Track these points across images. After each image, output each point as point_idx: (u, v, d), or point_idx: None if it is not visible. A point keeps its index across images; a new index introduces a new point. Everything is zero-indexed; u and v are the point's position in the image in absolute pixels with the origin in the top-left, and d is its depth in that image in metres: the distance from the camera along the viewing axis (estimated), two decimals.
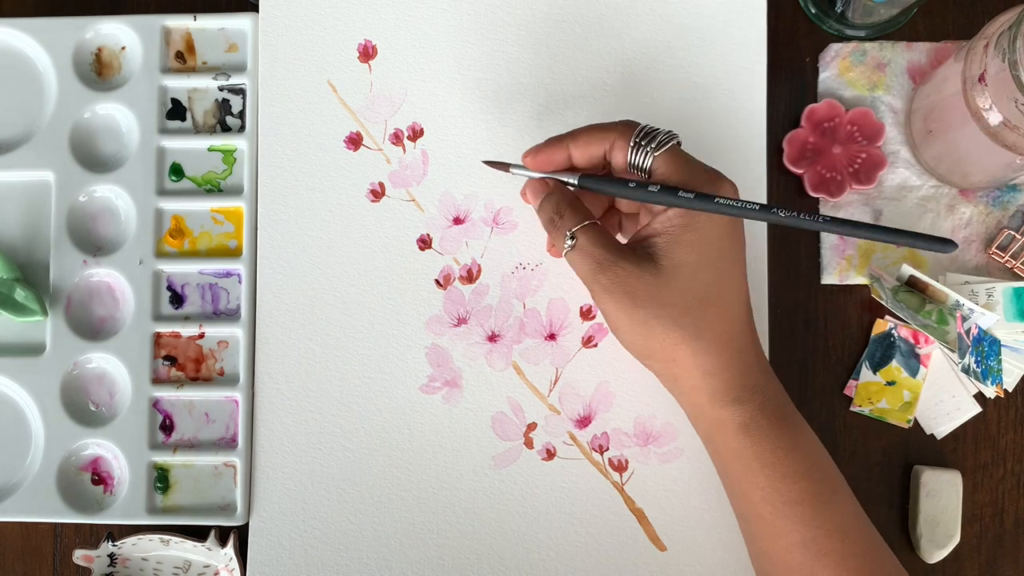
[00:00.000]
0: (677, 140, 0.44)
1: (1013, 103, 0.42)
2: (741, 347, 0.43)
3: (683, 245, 0.42)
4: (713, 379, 0.42)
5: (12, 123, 0.55)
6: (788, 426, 0.43)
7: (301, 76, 0.54)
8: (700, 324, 0.42)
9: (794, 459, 0.42)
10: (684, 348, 0.42)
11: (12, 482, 0.53)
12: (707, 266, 0.42)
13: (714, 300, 0.42)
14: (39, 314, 0.53)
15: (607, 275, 0.42)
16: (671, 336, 0.42)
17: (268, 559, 0.52)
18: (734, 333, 0.43)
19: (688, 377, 0.43)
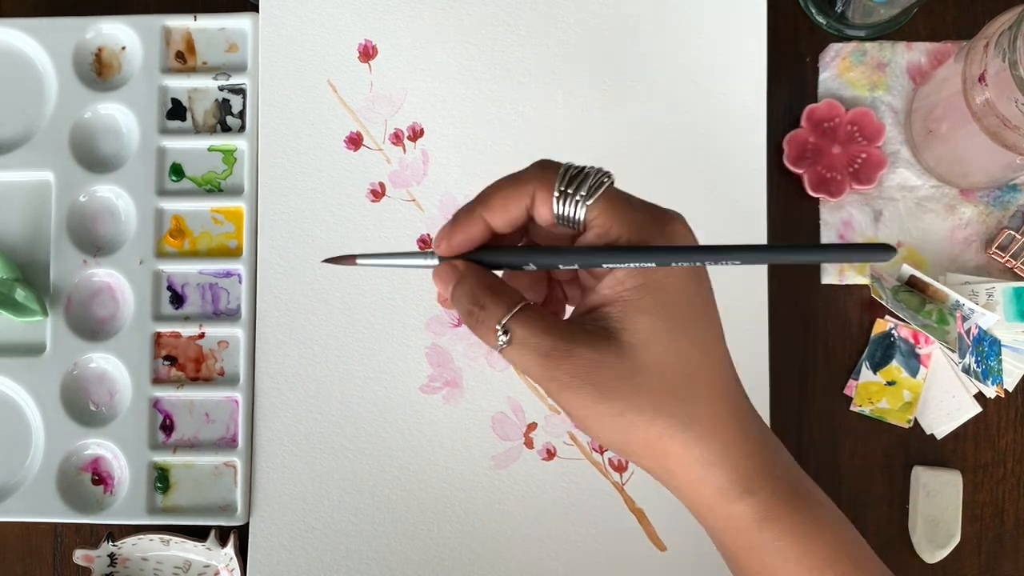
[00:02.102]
0: (611, 180, 0.36)
1: (1013, 103, 0.42)
2: (742, 423, 0.35)
3: (644, 312, 0.34)
4: (716, 470, 0.34)
5: (12, 123, 0.55)
6: (808, 507, 0.36)
7: (301, 76, 0.54)
8: (689, 407, 0.34)
9: (819, 546, 0.35)
10: (675, 440, 0.34)
11: (12, 482, 0.53)
12: (680, 332, 0.34)
13: (699, 373, 0.34)
14: (39, 314, 0.53)
15: (561, 368, 0.33)
16: (656, 428, 0.34)
17: (268, 559, 0.52)
18: (731, 409, 0.35)
19: (686, 472, 0.34)
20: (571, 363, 0.33)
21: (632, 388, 0.33)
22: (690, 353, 0.34)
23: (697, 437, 0.34)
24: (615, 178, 0.36)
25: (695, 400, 0.34)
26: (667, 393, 0.34)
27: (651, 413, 0.34)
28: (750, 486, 0.35)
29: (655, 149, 0.53)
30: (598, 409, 0.34)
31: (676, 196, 0.52)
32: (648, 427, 0.34)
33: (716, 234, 0.52)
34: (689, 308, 0.34)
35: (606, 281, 0.34)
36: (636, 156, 0.53)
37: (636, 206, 0.35)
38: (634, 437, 0.34)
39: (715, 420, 0.34)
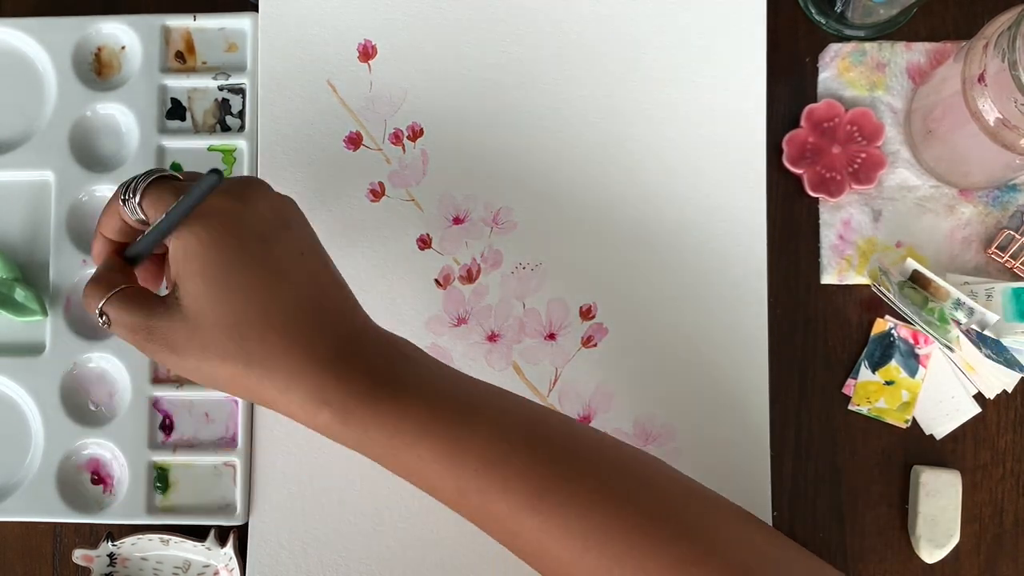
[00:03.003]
0: (157, 175, 0.42)
1: (1013, 103, 0.42)
2: (306, 348, 0.40)
3: (190, 276, 0.40)
4: (291, 393, 0.40)
5: (12, 123, 0.55)
6: (391, 395, 0.40)
7: (301, 76, 0.54)
8: (245, 347, 0.39)
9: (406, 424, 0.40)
10: (249, 377, 0.40)
11: (12, 482, 0.53)
12: (220, 286, 0.40)
13: (245, 317, 0.40)
14: (39, 314, 0.53)
15: (148, 338, 0.40)
16: (227, 371, 0.40)
17: (268, 559, 0.52)
18: (291, 339, 0.40)
19: (273, 400, 0.40)
20: (150, 332, 0.40)
21: (198, 344, 0.40)
22: (232, 303, 0.40)
23: (262, 371, 0.40)
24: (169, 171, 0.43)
25: (247, 341, 0.39)
26: (221, 341, 0.40)
27: (217, 360, 0.40)
28: (323, 397, 0.40)
29: (655, 149, 0.53)
30: (185, 366, 0.41)
31: (676, 196, 0.53)
32: (221, 371, 0.40)
33: (716, 234, 0.52)
34: (225, 265, 0.40)
35: (168, 258, 0.41)
36: (636, 156, 0.53)
37: (178, 189, 0.42)
38: (220, 381, 0.41)
39: (275, 352, 0.40)
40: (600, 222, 0.53)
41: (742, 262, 0.52)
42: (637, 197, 0.53)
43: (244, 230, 0.41)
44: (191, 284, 0.40)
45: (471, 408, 0.41)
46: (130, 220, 0.43)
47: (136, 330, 0.41)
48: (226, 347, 0.40)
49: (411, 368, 0.42)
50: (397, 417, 0.40)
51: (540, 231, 0.53)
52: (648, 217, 0.53)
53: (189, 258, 0.40)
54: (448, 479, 0.40)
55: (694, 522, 0.39)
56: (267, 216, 0.42)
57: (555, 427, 0.42)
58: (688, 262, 0.52)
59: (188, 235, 0.40)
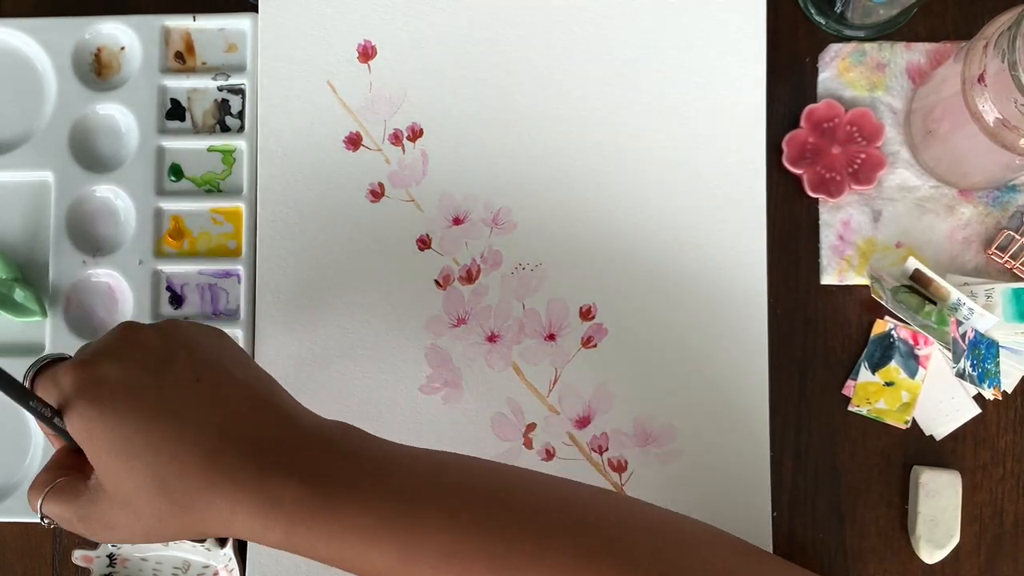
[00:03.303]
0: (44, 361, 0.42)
1: (1012, 103, 0.42)
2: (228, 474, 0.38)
3: (95, 456, 0.39)
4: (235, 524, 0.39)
5: (12, 123, 0.55)
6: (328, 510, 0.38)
7: (301, 76, 0.54)
8: (177, 501, 0.38)
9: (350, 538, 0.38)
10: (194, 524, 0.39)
11: (12, 482, 0.53)
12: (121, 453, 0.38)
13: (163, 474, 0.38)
14: (39, 314, 0.53)
15: (86, 528, 0.40)
16: (172, 528, 0.39)
17: (268, 559, 0.52)
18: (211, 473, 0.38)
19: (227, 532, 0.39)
20: (86, 522, 0.40)
21: (131, 515, 0.39)
22: (144, 466, 0.38)
23: (200, 514, 0.39)
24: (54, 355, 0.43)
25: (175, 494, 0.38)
26: (151, 503, 0.39)
27: (156, 522, 0.39)
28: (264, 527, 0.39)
29: (655, 149, 0.53)
30: (133, 539, 0.40)
31: (675, 196, 0.53)
32: (169, 529, 0.40)
33: (716, 234, 0.52)
34: (121, 432, 0.38)
35: None
36: (636, 156, 0.53)
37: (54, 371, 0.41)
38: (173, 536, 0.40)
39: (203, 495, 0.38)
40: (600, 222, 0.53)
41: (742, 262, 0.52)
42: (637, 197, 0.53)
43: (124, 388, 0.39)
44: (100, 463, 0.39)
45: (420, 499, 0.39)
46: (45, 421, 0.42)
47: (72, 523, 0.40)
48: (158, 507, 0.39)
49: (349, 467, 0.40)
50: (343, 531, 0.38)
51: (540, 231, 0.53)
52: (648, 217, 0.53)
53: (87, 439, 0.39)
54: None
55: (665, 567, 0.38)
56: (143, 362, 0.40)
57: (513, 493, 0.40)
58: (688, 262, 0.52)
59: (74, 419, 0.39)
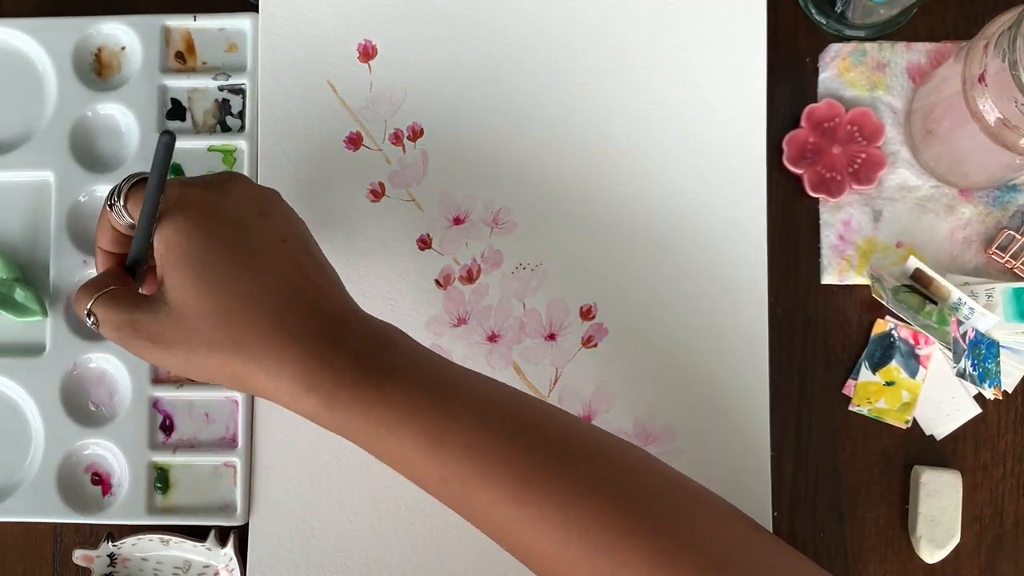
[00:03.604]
0: (138, 177, 0.43)
1: (1013, 103, 0.42)
2: (292, 334, 0.40)
3: (172, 269, 0.40)
4: (277, 378, 0.40)
5: (12, 123, 0.55)
6: (375, 383, 0.40)
7: (301, 76, 0.54)
8: (231, 335, 0.40)
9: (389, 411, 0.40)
10: (236, 364, 0.40)
11: (12, 482, 0.53)
12: (202, 276, 0.40)
13: (230, 304, 0.40)
14: (39, 314, 0.53)
15: (132, 334, 0.41)
16: (215, 360, 0.40)
17: (268, 559, 0.52)
18: (276, 325, 0.40)
19: (262, 386, 0.41)
20: (136, 328, 0.41)
21: (183, 335, 0.40)
22: (216, 291, 0.40)
23: (249, 356, 0.40)
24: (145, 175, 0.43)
25: (233, 327, 0.40)
26: (208, 330, 0.40)
27: (204, 350, 0.40)
28: (310, 383, 0.40)
29: (655, 149, 0.53)
30: (170, 360, 0.41)
31: (676, 196, 0.53)
32: (209, 360, 0.40)
33: (716, 234, 0.52)
34: (206, 253, 0.41)
35: (153, 254, 0.42)
36: (636, 156, 0.53)
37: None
38: (209, 371, 0.41)
39: (261, 337, 0.40)
40: (600, 222, 0.53)
41: (742, 262, 0.52)
42: (637, 197, 0.53)
43: (223, 217, 0.41)
44: (174, 275, 0.40)
45: (456, 396, 0.41)
46: (120, 226, 0.44)
47: (121, 327, 0.41)
48: (212, 335, 0.40)
49: (397, 354, 0.42)
50: (382, 404, 0.40)
51: (540, 231, 0.53)
52: (648, 217, 0.53)
53: (171, 249, 0.41)
54: (431, 467, 0.40)
55: (676, 516, 0.39)
56: (245, 205, 0.42)
57: (540, 416, 0.42)
58: (688, 262, 0.52)
59: (168, 227, 0.41)
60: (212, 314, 0.40)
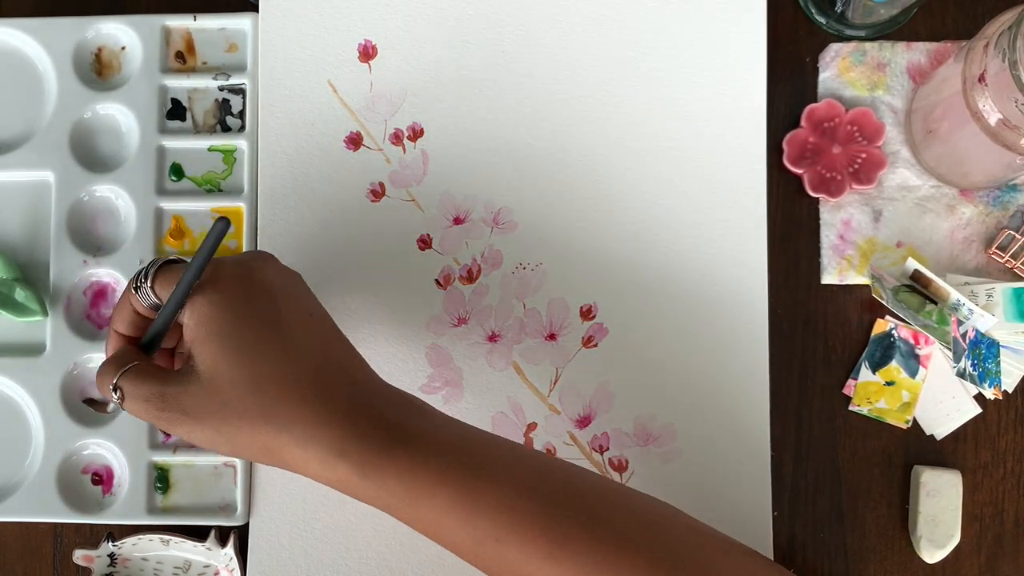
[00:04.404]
0: (164, 260, 0.44)
1: (1013, 103, 0.42)
2: (323, 401, 0.41)
3: (204, 342, 0.41)
4: (310, 446, 0.40)
5: (12, 123, 0.55)
6: (405, 448, 0.40)
7: (301, 76, 0.54)
8: (264, 404, 0.40)
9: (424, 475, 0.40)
10: (266, 435, 0.40)
11: (12, 482, 0.53)
12: (235, 349, 0.41)
13: (262, 376, 0.41)
14: (39, 314, 0.53)
15: (161, 406, 0.41)
16: (246, 432, 0.40)
17: (268, 559, 0.52)
18: (306, 393, 0.41)
19: (292, 457, 0.41)
20: (165, 401, 0.41)
21: (215, 407, 0.40)
22: (248, 361, 0.41)
23: (280, 425, 0.40)
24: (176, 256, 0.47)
25: (265, 397, 0.40)
26: (240, 399, 0.40)
27: (234, 420, 0.40)
28: (341, 449, 0.40)
29: (655, 149, 0.53)
30: (200, 432, 0.41)
31: (676, 196, 0.53)
32: (240, 431, 0.40)
33: (716, 234, 0.52)
34: (238, 325, 0.41)
35: (183, 330, 0.42)
36: (636, 156, 0.53)
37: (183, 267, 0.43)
38: (239, 443, 0.41)
39: (292, 406, 0.40)
40: (600, 222, 0.53)
41: (742, 262, 0.52)
42: (637, 197, 0.53)
43: (254, 291, 0.42)
44: (206, 347, 0.41)
45: (485, 457, 0.41)
46: (143, 308, 0.44)
47: (150, 399, 0.41)
48: (245, 404, 0.40)
49: (424, 420, 0.42)
50: (414, 467, 0.40)
51: (540, 231, 0.53)
52: (648, 217, 0.53)
53: (202, 322, 0.41)
54: (465, 528, 0.40)
55: (708, 566, 0.40)
56: (275, 280, 0.43)
57: (570, 475, 0.42)
58: (688, 262, 0.52)
59: (201, 301, 0.41)
60: (243, 384, 0.40)
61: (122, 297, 0.45)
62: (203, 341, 0.41)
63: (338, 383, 0.42)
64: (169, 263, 0.44)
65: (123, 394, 0.42)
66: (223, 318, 0.41)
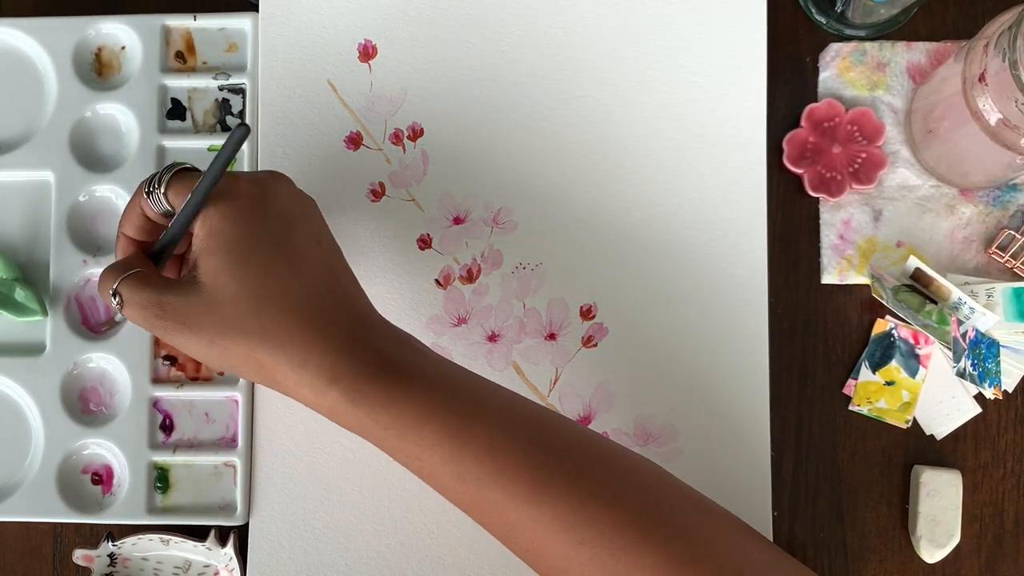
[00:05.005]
0: (179, 167, 0.44)
1: (1013, 103, 0.42)
2: (320, 326, 0.41)
3: (210, 254, 0.41)
4: (302, 369, 0.40)
5: (12, 123, 0.55)
6: (397, 379, 0.41)
7: (301, 76, 0.54)
8: (261, 323, 0.40)
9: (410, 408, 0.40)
10: (262, 352, 0.40)
11: (12, 482, 0.53)
12: (240, 263, 0.41)
13: (264, 293, 0.41)
14: (39, 314, 0.53)
15: (159, 314, 0.41)
16: (241, 346, 0.40)
17: (268, 559, 0.52)
18: (305, 316, 0.41)
19: (284, 377, 0.41)
20: (163, 309, 0.41)
21: (213, 319, 0.40)
22: (253, 279, 0.41)
23: (277, 346, 0.40)
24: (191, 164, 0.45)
25: (265, 315, 0.40)
26: (240, 316, 0.40)
27: (232, 335, 0.40)
28: (334, 375, 0.40)
29: (655, 149, 0.53)
30: (195, 343, 0.41)
31: (676, 196, 0.53)
32: (236, 347, 0.40)
33: (716, 234, 0.52)
34: (248, 242, 0.41)
35: (192, 240, 0.42)
36: (636, 156, 0.53)
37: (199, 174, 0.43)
38: (233, 359, 0.41)
39: (291, 328, 0.40)
40: (600, 222, 0.53)
41: (742, 262, 0.52)
42: (637, 197, 0.53)
43: (268, 211, 0.42)
44: (212, 259, 0.41)
45: (476, 398, 0.42)
46: (154, 214, 0.44)
47: (147, 306, 0.41)
48: (244, 321, 0.40)
49: (420, 357, 0.43)
50: (404, 398, 0.40)
51: (540, 231, 0.53)
52: (648, 217, 0.53)
53: (213, 234, 0.41)
54: (448, 464, 0.40)
55: (690, 526, 0.40)
56: (289, 204, 0.43)
57: (557, 425, 0.42)
58: (688, 262, 0.52)
59: (214, 213, 0.41)
60: (245, 300, 0.40)
61: (132, 200, 0.44)
62: (210, 253, 0.41)
63: (338, 312, 0.42)
64: (184, 171, 0.43)
65: (122, 300, 0.42)
66: (233, 232, 0.41)
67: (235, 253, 0.41)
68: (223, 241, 0.41)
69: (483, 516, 0.41)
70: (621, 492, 0.40)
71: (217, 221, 0.41)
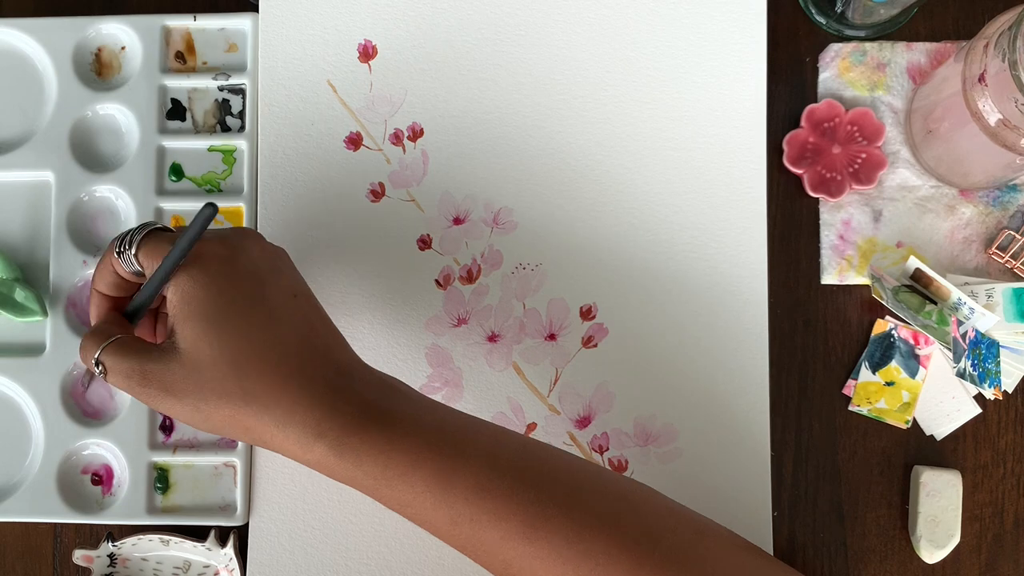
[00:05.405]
0: (152, 227, 0.44)
1: (1013, 103, 0.42)
2: (302, 384, 0.41)
3: (187, 319, 0.41)
4: (288, 428, 0.41)
5: (12, 123, 0.55)
6: (380, 428, 0.41)
7: (301, 76, 0.54)
8: (243, 385, 0.40)
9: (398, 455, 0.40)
10: (246, 414, 0.41)
11: (12, 482, 0.53)
12: (217, 327, 0.41)
13: (243, 355, 0.41)
14: (39, 314, 0.53)
15: (143, 382, 0.41)
16: (225, 411, 0.41)
17: (268, 559, 0.52)
18: (286, 374, 0.41)
19: (271, 437, 0.41)
20: (145, 376, 0.41)
21: (194, 384, 0.41)
22: (230, 342, 0.41)
23: (261, 407, 0.40)
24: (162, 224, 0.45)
25: (246, 378, 0.40)
26: (221, 381, 0.40)
27: (215, 400, 0.40)
28: (319, 431, 0.40)
29: (655, 149, 0.53)
30: (180, 409, 0.41)
31: (676, 196, 0.53)
32: (219, 411, 0.41)
33: (716, 234, 0.52)
34: (221, 305, 0.41)
35: (166, 305, 0.42)
36: (636, 156, 0.53)
37: (172, 239, 0.43)
38: (218, 422, 0.41)
39: (272, 388, 0.41)
40: (600, 222, 0.53)
41: (742, 262, 0.52)
42: (637, 197, 0.53)
43: (239, 271, 0.42)
44: (188, 326, 0.41)
45: (462, 439, 0.42)
46: (125, 273, 0.44)
47: (131, 375, 0.41)
48: (225, 385, 0.40)
49: (403, 402, 0.43)
50: (390, 447, 0.41)
51: (540, 231, 0.53)
52: (648, 217, 0.53)
53: (186, 300, 0.41)
54: (441, 508, 0.40)
55: (685, 547, 0.40)
56: (260, 260, 0.43)
57: (545, 456, 0.43)
58: (688, 262, 0.52)
59: (185, 279, 0.41)
60: (225, 364, 0.40)
61: (104, 257, 0.44)
62: (185, 319, 0.41)
63: (319, 365, 0.42)
64: (155, 231, 0.44)
65: (105, 368, 0.42)
66: (206, 297, 0.41)
67: (210, 318, 0.41)
68: (196, 307, 0.41)
69: (480, 556, 0.41)
70: (613, 520, 0.40)
71: (188, 287, 0.41)
